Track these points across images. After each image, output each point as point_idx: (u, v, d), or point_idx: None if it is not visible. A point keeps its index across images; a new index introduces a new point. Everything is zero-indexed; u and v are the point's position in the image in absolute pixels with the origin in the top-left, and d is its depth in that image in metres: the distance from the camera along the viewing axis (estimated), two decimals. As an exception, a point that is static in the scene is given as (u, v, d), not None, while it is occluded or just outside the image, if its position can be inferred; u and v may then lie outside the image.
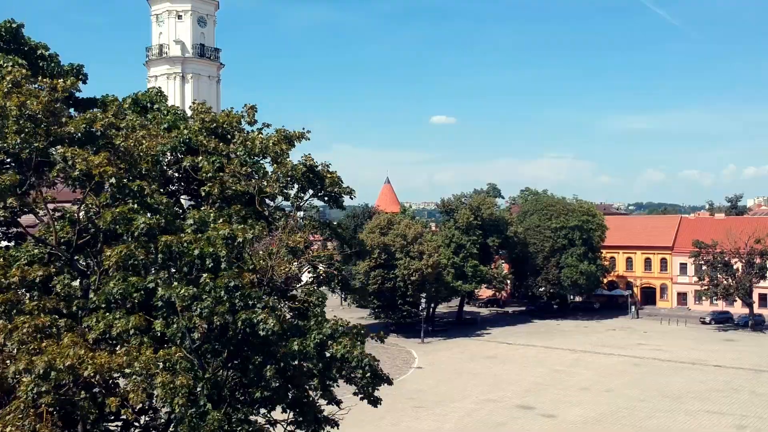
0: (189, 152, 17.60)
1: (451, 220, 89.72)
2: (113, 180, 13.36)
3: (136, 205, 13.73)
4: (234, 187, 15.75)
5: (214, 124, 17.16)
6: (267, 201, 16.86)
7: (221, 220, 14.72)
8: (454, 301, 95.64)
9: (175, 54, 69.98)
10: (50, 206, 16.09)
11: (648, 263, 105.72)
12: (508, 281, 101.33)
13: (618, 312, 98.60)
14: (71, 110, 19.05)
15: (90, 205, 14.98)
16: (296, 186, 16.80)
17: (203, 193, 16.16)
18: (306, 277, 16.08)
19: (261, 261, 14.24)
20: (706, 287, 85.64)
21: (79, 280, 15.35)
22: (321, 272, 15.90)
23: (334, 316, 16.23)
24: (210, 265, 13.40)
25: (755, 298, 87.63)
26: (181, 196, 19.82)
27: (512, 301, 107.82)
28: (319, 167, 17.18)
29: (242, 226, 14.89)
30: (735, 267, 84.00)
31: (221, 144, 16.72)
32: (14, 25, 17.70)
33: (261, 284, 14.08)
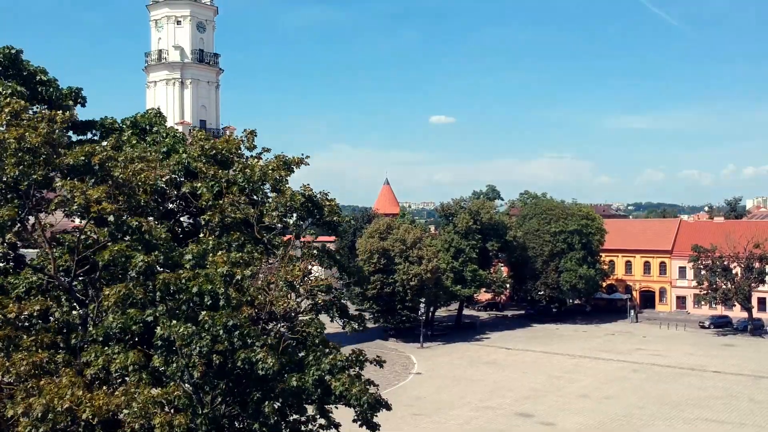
0: (188, 175, 17.61)
1: (450, 225, 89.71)
2: (111, 218, 13.37)
3: (134, 242, 13.73)
4: (233, 215, 15.76)
5: (214, 151, 17.19)
6: (266, 224, 16.84)
7: (220, 253, 14.71)
8: (454, 305, 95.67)
9: (174, 59, 69.92)
10: (48, 233, 16.07)
11: (647, 267, 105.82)
12: (508, 285, 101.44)
13: (617, 316, 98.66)
14: (70, 133, 19.08)
15: (89, 233, 14.97)
16: (295, 215, 16.81)
17: (203, 222, 16.18)
18: (304, 303, 16.10)
19: (259, 296, 14.25)
20: (705, 292, 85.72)
21: (77, 309, 15.33)
22: (319, 301, 15.91)
23: (334, 345, 16.18)
24: (208, 302, 13.42)
25: (754, 302, 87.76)
26: (181, 217, 19.76)
27: (511, 304, 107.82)
28: (318, 196, 17.21)
29: (240, 254, 14.90)
30: (734, 272, 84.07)
31: (220, 171, 16.73)
32: (13, 51, 17.71)
33: (259, 319, 14.09)
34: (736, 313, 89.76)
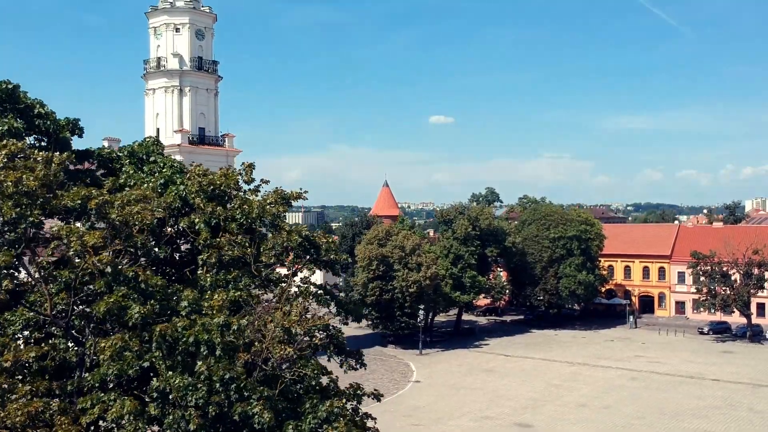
0: (186, 206, 17.56)
1: (449, 231, 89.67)
2: (108, 269, 13.35)
3: (130, 290, 13.71)
4: (230, 253, 15.72)
5: (212, 187, 17.14)
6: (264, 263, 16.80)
7: (217, 296, 14.65)
8: (453, 310, 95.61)
9: (173, 67, 69.82)
10: (45, 264, 15.99)
11: (646, 272, 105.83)
12: (507, 290, 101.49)
13: (616, 321, 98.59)
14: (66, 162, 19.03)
15: (85, 269, 14.90)
16: (292, 254, 16.79)
17: (200, 262, 16.14)
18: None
19: (256, 342, 14.21)
20: (704, 298, 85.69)
21: (73, 346, 15.30)
22: (316, 341, 15.88)
23: (331, 380, 16.14)
24: (204, 352, 13.40)
25: (753, 308, 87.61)
26: (182, 245, 19.65)
27: (510, 308, 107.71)
28: (315, 236, 17.18)
29: (238, 292, 14.88)
30: (733, 278, 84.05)
31: (219, 207, 16.69)
32: (10, 86, 17.69)
33: (255, 367, 14.04)
34: (735, 319, 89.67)
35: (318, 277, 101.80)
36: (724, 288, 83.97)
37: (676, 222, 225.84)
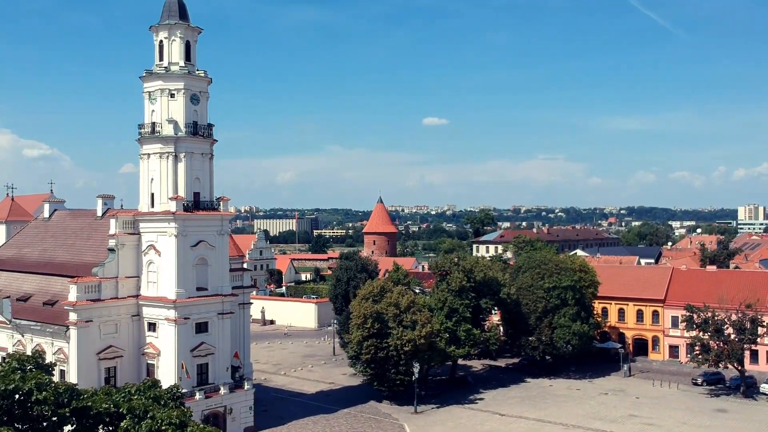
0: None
1: (443, 283, 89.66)
2: None
3: None
4: None
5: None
6: None
7: None
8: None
9: (168, 134, 69.22)
10: None
11: (640, 315, 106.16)
12: (501, 329, 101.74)
13: (610, 368, 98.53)
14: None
15: None
16: None
17: None
18: None
19: None
20: (697, 352, 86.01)
21: None
22: None
23: None
24: None
25: (746, 358, 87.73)
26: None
27: (505, 349, 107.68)
28: None
29: None
30: (726, 333, 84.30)
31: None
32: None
33: None
34: (729, 367, 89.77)
35: (312, 319, 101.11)
36: (717, 342, 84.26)
37: (669, 244, 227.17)
